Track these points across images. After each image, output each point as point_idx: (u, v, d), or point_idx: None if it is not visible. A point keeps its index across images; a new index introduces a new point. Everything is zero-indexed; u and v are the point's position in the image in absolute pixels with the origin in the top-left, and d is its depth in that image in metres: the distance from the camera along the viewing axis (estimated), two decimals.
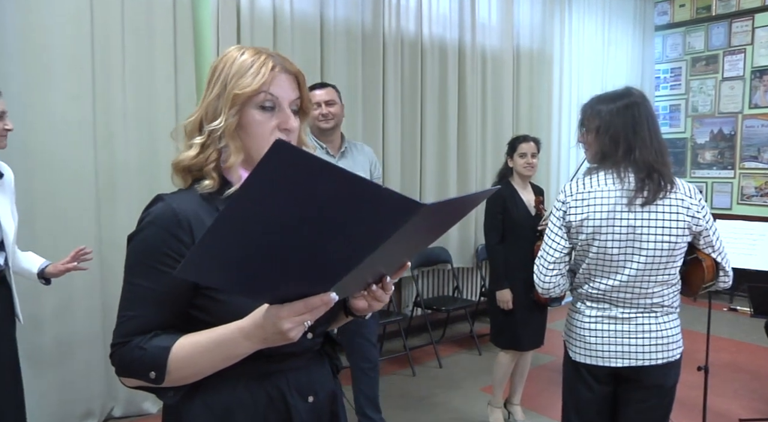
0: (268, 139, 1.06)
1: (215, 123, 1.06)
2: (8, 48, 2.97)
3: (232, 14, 3.72)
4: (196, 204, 1.05)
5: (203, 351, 0.97)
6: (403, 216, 0.71)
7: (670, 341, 1.91)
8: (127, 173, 3.35)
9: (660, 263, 1.85)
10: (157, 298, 1.01)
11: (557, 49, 5.95)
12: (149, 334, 1.01)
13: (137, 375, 1.00)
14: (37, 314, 3.02)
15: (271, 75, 1.05)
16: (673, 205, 1.83)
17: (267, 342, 0.93)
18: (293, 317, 0.86)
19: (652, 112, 1.92)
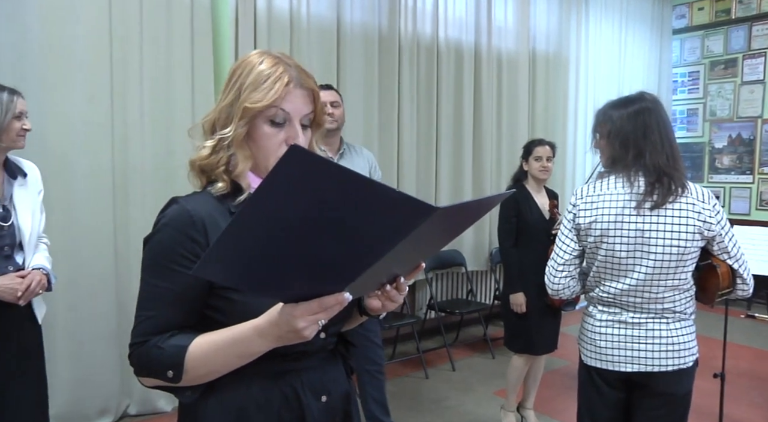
0: (275, 153, 1.08)
1: (225, 131, 1.08)
2: (30, 50, 3.02)
3: (250, 17, 3.76)
4: (210, 206, 1.07)
5: (219, 350, 0.99)
6: (417, 219, 0.72)
7: (682, 348, 1.88)
8: (143, 174, 3.39)
9: (669, 267, 1.84)
10: (174, 298, 1.03)
11: (573, 52, 5.93)
12: (166, 334, 1.02)
13: (155, 374, 1.01)
14: (54, 312, 3.06)
15: (284, 90, 1.06)
16: (683, 209, 1.82)
17: (281, 341, 0.94)
18: (307, 316, 0.87)
19: (665, 116, 1.91)
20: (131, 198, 3.37)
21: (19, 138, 2.18)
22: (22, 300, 2.12)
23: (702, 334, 2.03)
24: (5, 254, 2.15)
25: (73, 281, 3.18)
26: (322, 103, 1.14)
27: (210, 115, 1.12)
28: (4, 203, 2.17)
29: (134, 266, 3.36)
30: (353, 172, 0.69)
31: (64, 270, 3.09)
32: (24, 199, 2.23)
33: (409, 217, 0.72)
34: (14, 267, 2.18)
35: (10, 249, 2.17)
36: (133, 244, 3.36)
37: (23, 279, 2.14)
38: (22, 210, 2.21)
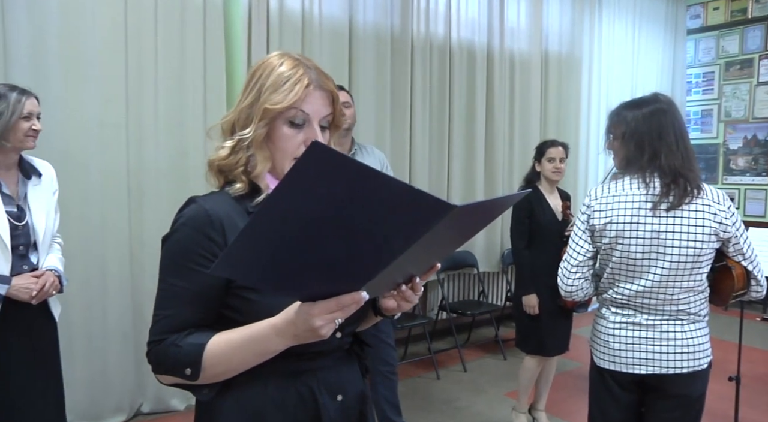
0: (293, 154, 1.09)
1: (245, 132, 1.08)
2: (48, 52, 3.06)
3: (263, 18, 3.77)
4: (228, 205, 1.07)
5: (237, 348, 1.00)
6: (435, 217, 0.72)
7: (697, 350, 1.87)
8: (157, 174, 3.42)
9: (685, 269, 1.83)
10: (192, 297, 1.04)
11: (586, 53, 5.90)
12: (184, 332, 1.03)
13: (173, 372, 1.02)
14: (70, 311, 3.09)
15: (304, 92, 1.07)
16: (699, 210, 1.81)
17: (298, 339, 0.95)
18: (324, 314, 0.88)
19: (680, 117, 1.90)
20: (146, 198, 3.40)
21: (27, 138, 2.18)
22: (35, 300, 2.14)
23: (716, 337, 2.01)
24: (20, 253, 2.17)
25: (88, 280, 3.22)
26: (340, 105, 1.14)
27: (229, 115, 1.12)
28: (19, 203, 2.20)
29: (148, 266, 3.39)
30: (374, 169, 0.70)
31: (80, 270, 3.12)
32: (38, 198, 2.25)
33: (428, 215, 0.72)
34: (29, 266, 2.20)
35: (25, 248, 2.19)
36: (148, 244, 3.39)
37: (38, 279, 2.16)
38: (37, 209, 2.23)
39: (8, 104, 2.12)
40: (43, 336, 2.28)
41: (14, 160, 2.22)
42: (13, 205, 2.17)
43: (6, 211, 2.13)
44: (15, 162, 2.23)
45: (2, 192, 2.15)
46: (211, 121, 3.55)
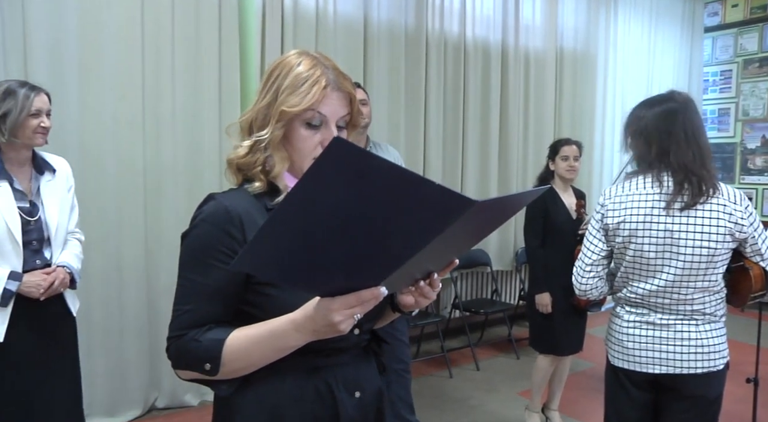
0: (310, 155, 1.09)
1: (262, 133, 1.09)
2: (66, 50, 3.09)
3: (277, 16, 3.79)
4: (247, 202, 1.08)
5: (256, 343, 1.00)
6: (456, 212, 0.72)
7: (712, 350, 1.85)
8: (173, 171, 3.45)
9: (699, 269, 1.81)
10: (211, 293, 1.04)
11: (602, 51, 5.85)
12: (204, 328, 1.04)
13: (192, 367, 1.03)
14: (87, 306, 3.13)
15: (321, 94, 1.07)
16: (713, 210, 1.79)
17: (317, 335, 0.95)
18: (344, 310, 0.89)
19: (693, 115, 1.87)
20: (161, 194, 3.43)
21: (35, 135, 2.17)
22: (43, 297, 2.15)
23: (734, 339, 1.99)
24: (33, 248, 2.18)
25: (105, 276, 3.25)
26: (357, 105, 1.14)
27: (247, 114, 1.13)
28: (32, 198, 2.20)
29: (164, 261, 3.42)
30: (395, 164, 0.70)
31: (97, 265, 3.16)
32: (52, 194, 2.26)
33: (449, 211, 0.72)
34: (42, 261, 2.21)
35: (39, 243, 2.20)
36: (164, 240, 3.41)
37: (48, 276, 2.17)
38: (50, 205, 2.23)
39: (17, 101, 2.12)
40: (60, 332, 2.29)
41: (26, 156, 2.22)
42: (25, 201, 2.18)
43: (18, 207, 2.14)
44: (28, 158, 2.23)
45: (14, 187, 2.16)
46: (225, 117, 3.57)
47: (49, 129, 2.22)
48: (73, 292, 2.36)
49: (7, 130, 2.12)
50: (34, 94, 2.17)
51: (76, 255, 2.36)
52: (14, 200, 2.13)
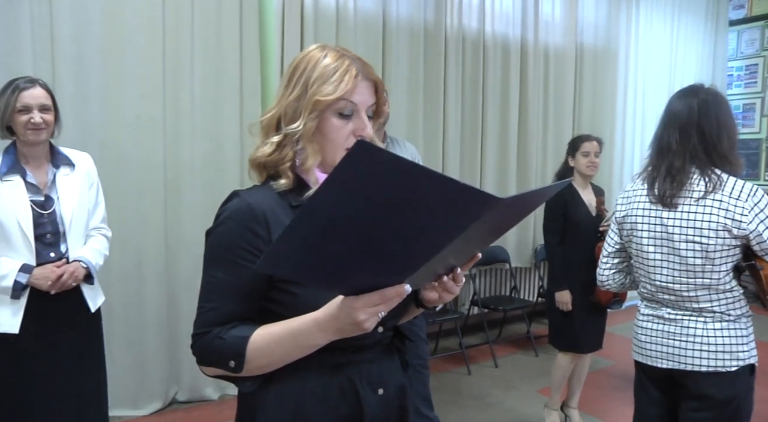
0: (343, 145, 1.09)
1: (294, 125, 1.07)
2: (90, 48, 3.14)
3: (296, 12, 3.80)
4: (271, 200, 1.08)
5: (279, 342, 1.01)
6: (481, 209, 0.73)
7: (721, 350, 1.80)
8: (193, 168, 3.48)
9: (695, 265, 1.79)
10: (235, 290, 1.04)
11: (623, 46, 5.79)
12: (228, 325, 1.04)
13: (217, 364, 1.04)
14: (107, 301, 3.18)
15: (353, 83, 1.07)
16: (708, 205, 1.75)
17: (341, 333, 0.96)
18: (368, 308, 0.89)
19: (707, 109, 1.82)
20: (181, 190, 3.47)
21: (26, 132, 2.15)
22: (53, 290, 2.15)
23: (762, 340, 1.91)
24: (47, 241, 2.19)
25: (126, 272, 3.30)
26: (384, 96, 1.15)
27: (270, 112, 1.12)
28: (47, 192, 2.22)
29: (183, 257, 3.46)
30: (418, 165, 0.70)
31: (118, 261, 3.20)
32: (69, 188, 2.26)
33: (473, 208, 0.73)
34: (57, 254, 2.21)
35: (53, 237, 2.21)
36: (183, 236, 3.45)
37: (58, 269, 2.17)
38: (66, 199, 2.24)
39: (5, 98, 2.14)
40: (77, 326, 2.29)
41: (41, 151, 2.23)
42: (40, 195, 2.20)
43: (31, 200, 2.16)
44: (43, 153, 2.25)
45: (27, 181, 2.18)
46: (246, 115, 3.60)
47: (42, 124, 2.16)
48: (95, 287, 2.36)
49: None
50: (23, 90, 2.15)
51: (97, 251, 2.36)
52: (27, 193, 2.16)
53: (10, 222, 2.12)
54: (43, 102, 2.19)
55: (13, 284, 2.10)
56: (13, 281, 2.10)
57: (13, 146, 2.21)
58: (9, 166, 2.17)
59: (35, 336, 2.17)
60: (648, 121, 5.97)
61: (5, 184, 2.15)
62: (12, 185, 2.16)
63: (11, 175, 2.17)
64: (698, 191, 1.77)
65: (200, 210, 3.45)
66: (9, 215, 2.12)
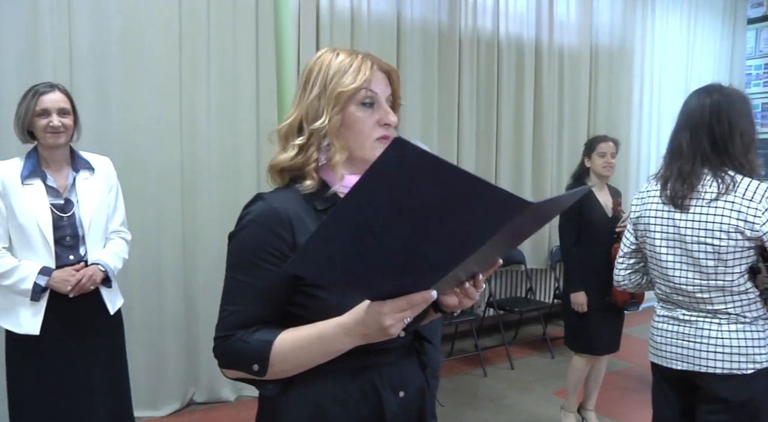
0: (370, 135, 1.10)
1: (318, 123, 1.07)
2: (110, 55, 3.20)
3: (312, 15, 3.83)
4: (295, 203, 1.07)
5: (304, 346, 1.01)
6: (511, 214, 0.72)
7: (736, 352, 1.77)
8: (210, 170, 3.51)
9: (708, 267, 1.77)
10: (259, 293, 1.05)
11: (638, 46, 5.75)
12: (251, 328, 1.04)
13: (240, 367, 1.04)
14: (126, 303, 3.22)
15: (371, 72, 1.09)
16: (719, 207, 1.74)
17: (367, 338, 0.96)
18: (395, 313, 0.89)
19: (721, 108, 1.79)
20: (198, 193, 3.50)
21: (45, 135, 2.18)
22: (73, 293, 2.18)
23: None
24: (67, 244, 2.23)
25: (144, 274, 3.33)
26: (399, 87, 1.16)
27: (289, 118, 1.12)
28: (67, 196, 2.25)
29: (200, 259, 3.49)
30: (454, 166, 0.68)
31: (136, 264, 3.23)
32: (88, 191, 2.29)
33: (504, 212, 0.71)
34: (76, 258, 2.24)
35: (72, 239, 2.24)
36: (200, 238, 3.49)
37: (77, 272, 2.20)
38: (85, 202, 2.27)
39: (26, 102, 2.18)
40: (96, 328, 2.32)
41: (61, 155, 2.26)
42: (60, 198, 2.23)
43: (51, 203, 2.20)
44: (64, 157, 2.28)
45: (47, 185, 2.21)
46: (262, 118, 3.63)
47: (60, 128, 2.19)
48: (113, 290, 2.38)
49: (19, 131, 2.20)
50: (42, 94, 2.18)
51: (116, 254, 2.38)
52: (47, 197, 2.19)
53: (30, 225, 2.16)
54: (62, 105, 2.22)
55: (33, 286, 2.14)
56: (32, 283, 2.14)
57: (34, 150, 2.25)
58: (30, 169, 2.21)
59: (56, 338, 2.20)
60: (664, 121, 5.92)
61: (26, 188, 2.18)
62: (33, 189, 2.19)
63: (32, 179, 2.20)
64: (710, 193, 1.76)
65: (217, 212, 3.48)
66: (29, 218, 2.16)
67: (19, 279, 2.14)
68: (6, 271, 2.15)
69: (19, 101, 2.22)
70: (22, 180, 2.18)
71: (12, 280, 2.15)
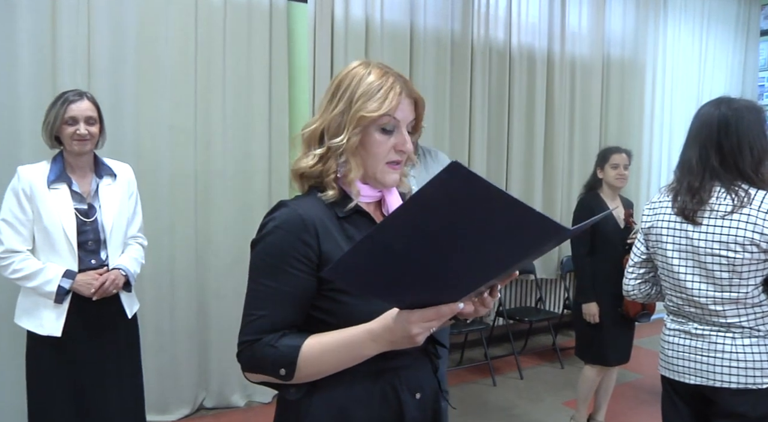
0: (384, 159, 1.13)
1: (338, 139, 1.10)
2: (127, 63, 3.24)
3: (327, 24, 3.86)
4: (319, 210, 1.10)
5: (331, 351, 1.04)
6: (548, 239, 0.76)
7: (751, 366, 1.76)
8: (223, 176, 3.55)
9: (722, 279, 1.76)
10: (285, 299, 1.06)
11: (650, 57, 5.75)
12: (278, 333, 1.06)
13: (266, 371, 1.06)
14: (143, 307, 3.24)
15: (398, 100, 1.10)
16: (734, 219, 1.73)
17: (394, 345, 0.99)
18: (423, 322, 0.92)
19: (729, 123, 1.79)
20: (211, 199, 3.53)
21: (72, 142, 2.22)
22: (95, 296, 2.22)
23: None
24: (89, 249, 2.27)
25: (157, 279, 3.36)
26: (423, 112, 1.18)
27: (313, 125, 1.14)
28: (90, 201, 2.29)
29: (213, 265, 3.52)
30: (503, 191, 0.72)
31: (150, 268, 3.26)
32: (110, 197, 2.34)
33: (542, 237, 0.75)
34: (98, 262, 2.29)
35: (95, 244, 2.28)
36: (213, 244, 3.51)
37: (100, 276, 2.24)
38: (107, 208, 2.32)
39: (55, 110, 2.22)
40: (116, 332, 2.36)
41: (86, 161, 2.31)
42: (83, 203, 2.27)
43: (75, 208, 2.24)
44: (88, 163, 2.32)
45: (72, 190, 2.26)
46: (275, 126, 3.66)
47: (87, 136, 2.24)
48: (131, 295, 2.43)
49: (47, 136, 2.24)
50: (71, 102, 2.23)
51: (135, 259, 2.43)
52: (72, 201, 2.24)
53: (55, 229, 2.20)
54: (90, 114, 2.27)
55: (57, 289, 2.17)
56: (57, 286, 2.17)
57: (60, 155, 2.30)
58: (57, 174, 2.25)
59: (77, 340, 2.24)
60: (676, 132, 5.91)
61: (52, 192, 2.23)
62: (59, 193, 2.23)
63: (58, 184, 2.25)
64: (725, 205, 1.74)
65: (229, 219, 3.52)
66: (55, 222, 2.20)
67: (44, 281, 2.18)
68: (31, 273, 2.18)
69: (49, 107, 2.26)
70: (48, 184, 2.22)
71: (37, 282, 2.18)
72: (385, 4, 4.10)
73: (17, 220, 2.20)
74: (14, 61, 2.96)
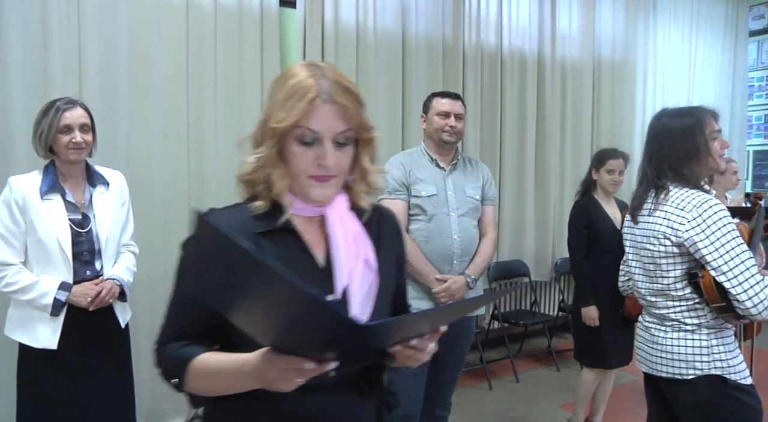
0: (305, 172, 1.03)
1: (259, 150, 1.04)
2: (119, 70, 3.21)
3: (317, 30, 3.85)
4: (237, 222, 1.04)
5: (216, 373, 1.01)
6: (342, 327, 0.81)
7: (677, 358, 1.87)
8: (217, 183, 3.52)
9: (648, 271, 1.95)
10: (192, 310, 1.04)
11: (641, 58, 5.77)
12: (181, 342, 1.05)
13: (166, 376, 1.07)
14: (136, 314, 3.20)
15: (308, 108, 0.98)
16: (656, 215, 1.89)
17: (263, 384, 0.91)
18: (285, 371, 0.86)
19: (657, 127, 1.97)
20: (205, 205, 3.45)
21: (68, 151, 2.18)
22: (92, 306, 2.20)
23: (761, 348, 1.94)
24: (84, 259, 2.24)
25: (152, 286, 3.32)
26: (364, 119, 1.05)
27: (255, 128, 1.09)
28: (84, 211, 2.26)
29: None
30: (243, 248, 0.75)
31: (143, 274, 3.22)
32: (103, 206, 2.31)
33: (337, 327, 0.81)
34: (92, 272, 2.26)
35: (89, 255, 2.25)
36: None
37: (96, 286, 2.22)
38: (101, 217, 2.29)
39: (48, 118, 2.17)
40: (109, 343, 2.34)
41: (78, 170, 2.28)
42: (77, 213, 2.24)
43: (69, 219, 2.20)
44: (80, 172, 2.29)
45: (66, 200, 2.22)
46: None
47: (82, 144, 2.20)
48: (124, 304, 2.40)
49: (41, 147, 2.20)
50: (65, 110, 2.18)
51: (128, 268, 2.40)
52: (66, 212, 2.20)
53: (50, 241, 2.17)
54: (84, 122, 2.24)
55: (53, 301, 2.14)
56: (53, 299, 2.14)
57: (52, 165, 2.25)
58: (50, 184, 2.21)
59: (72, 352, 2.21)
60: None
61: (46, 203, 2.19)
62: (52, 204, 2.20)
63: (51, 194, 2.21)
64: (652, 204, 1.92)
65: None
66: (50, 233, 2.16)
67: (40, 294, 2.15)
68: (26, 286, 2.15)
69: (39, 117, 2.21)
70: (41, 195, 2.18)
71: (32, 295, 2.15)
72: (377, 9, 4.09)
73: (10, 233, 2.16)
74: (3, 68, 2.92)
